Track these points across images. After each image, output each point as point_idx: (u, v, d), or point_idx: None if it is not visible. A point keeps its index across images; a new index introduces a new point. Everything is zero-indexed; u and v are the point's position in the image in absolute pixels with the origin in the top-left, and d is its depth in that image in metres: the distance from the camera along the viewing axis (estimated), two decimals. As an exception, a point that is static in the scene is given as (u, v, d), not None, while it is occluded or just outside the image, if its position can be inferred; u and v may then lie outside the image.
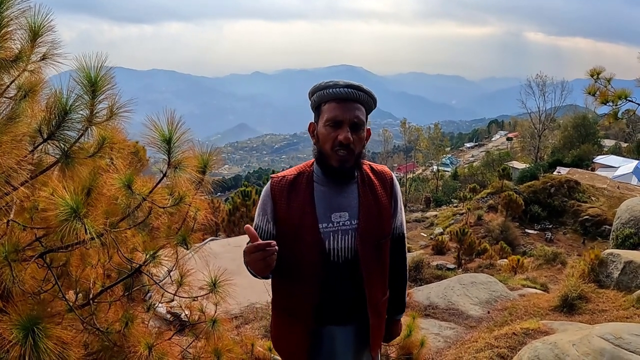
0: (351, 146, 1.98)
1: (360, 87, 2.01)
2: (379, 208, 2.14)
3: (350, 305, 2.12)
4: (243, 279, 2.28)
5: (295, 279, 2.12)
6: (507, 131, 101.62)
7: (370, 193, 2.14)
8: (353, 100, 1.99)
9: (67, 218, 1.35)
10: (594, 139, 51.39)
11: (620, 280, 7.36)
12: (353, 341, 2.17)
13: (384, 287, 2.25)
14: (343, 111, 1.97)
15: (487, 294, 8.08)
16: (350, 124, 1.97)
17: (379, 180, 2.20)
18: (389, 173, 2.27)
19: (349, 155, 1.99)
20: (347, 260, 2.08)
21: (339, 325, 2.14)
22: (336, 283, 2.08)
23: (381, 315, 2.27)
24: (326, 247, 2.05)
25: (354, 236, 2.07)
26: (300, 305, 2.13)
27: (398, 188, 2.30)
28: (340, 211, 2.07)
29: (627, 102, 5.25)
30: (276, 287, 2.25)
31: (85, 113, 1.66)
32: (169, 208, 1.69)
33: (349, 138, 1.95)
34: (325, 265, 2.06)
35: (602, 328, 3.99)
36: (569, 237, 24.79)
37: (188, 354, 2.43)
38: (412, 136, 68.61)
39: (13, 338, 1.26)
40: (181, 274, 2.29)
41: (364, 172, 2.17)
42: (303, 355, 2.17)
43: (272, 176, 2.18)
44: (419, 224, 33.09)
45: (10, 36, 1.58)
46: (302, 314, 2.12)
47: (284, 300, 2.23)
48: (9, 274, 1.40)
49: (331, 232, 2.06)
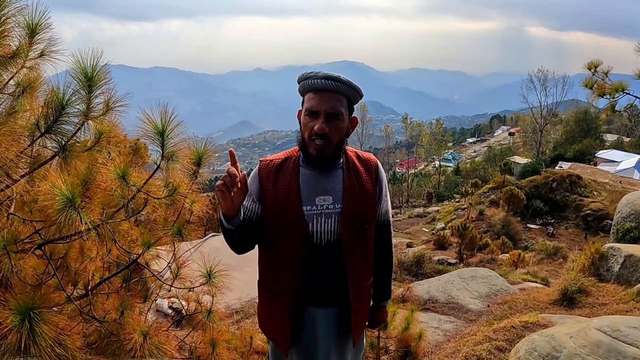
0: (328, 136, 2.02)
1: (338, 78, 2.03)
2: (363, 193, 2.19)
3: (331, 288, 2.17)
4: (244, 274, 2.33)
5: (279, 259, 2.18)
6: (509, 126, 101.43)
7: (355, 178, 2.18)
8: (331, 90, 2.03)
9: (63, 208, 1.38)
10: (596, 134, 51.20)
11: (620, 274, 7.37)
12: (335, 323, 2.22)
13: (367, 272, 2.30)
14: (319, 102, 2.02)
15: (487, 288, 8.10)
16: (326, 115, 2.02)
17: (364, 167, 2.25)
18: (374, 160, 2.32)
19: (325, 144, 2.03)
20: (329, 243, 2.13)
21: (320, 307, 2.19)
22: (318, 265, 2.14)
23: (364, 300, 2.31)
24: (309, 230, 2.11)
25: (337, 220, 2.12)
26: (282, 284, 2.19)
27: (383, 175, 2.34)
28: (325, 195, 2.12)
29: (625, 94, 5.26)
30: (262, 267, 2.31)
31: (81, 107, 1.69)
32: (164, 199, 1.72)
33: (323, 129, 2.00)
34: (308, 247, 2.11)
35: (600, 321, 4.01)
36: (571, 232, 24.79)
37: (185, 344, 2.47)
38: (414, 132, 68.56)
39: (9, 323, 1.30)
40: (178, 265, 2.32)
41: (350, 159, 2.22)
42: (286, 335, 2.21)
43: (260, 160, 2.23)
44: (420, 219, 33.09)
45: (8, 33, 1.61)
46: (285, 294, 2.18)
47: (268, 280, 2.28)
48: (8, 263, 1.43)
49: (315, 214, 2.11)
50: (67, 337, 1.47)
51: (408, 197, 53.86)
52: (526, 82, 55.04)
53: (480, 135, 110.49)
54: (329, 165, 2.14)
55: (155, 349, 1.84)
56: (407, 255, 13.04)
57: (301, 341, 2.23)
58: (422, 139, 67.05)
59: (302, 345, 2.24)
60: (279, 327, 2.25)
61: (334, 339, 2.23)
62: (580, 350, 3.66)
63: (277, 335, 2.28)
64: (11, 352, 1.31)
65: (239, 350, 3.21)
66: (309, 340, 2.23)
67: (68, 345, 1.45)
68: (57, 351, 1.36)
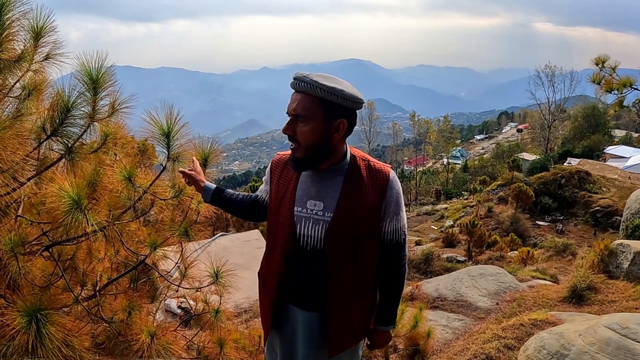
0: (296, 137, 1.98)
1: (302, 78, 1.93)
2: (361, 206, 2.07)
3: (314, 293, 2.11)
4: (252, 273, 2.33)
5: (271, 251, 2.23)
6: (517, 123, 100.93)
7: (356, 188, 2.07)
8: (299, 91, 1.96)
9: (69, 209, 1.39)
10: (605, 130, 50.84)
11: (630, 270, 7.31)
12: (317, 329, 2.15)
13: (358, 286, 2.17)
14: (290, 102, 1.99)
15: (495, 285, 8.06)
16: (292, 115, 1.98)
17: (371, 178, 2.11)
18: (387, 173, 2.13)
19: (295, 146, 2.00)
20: (315, 249, 2.08)
21: (301, 309, 2.16)
22: (302, 267, 2.11)
23: (351, 313, 2.18)
24: (297, 231, 2.09)
25: (324, 228, 2.05)
26: (270, 276, 2.22)
27: (394, 192, 2.13)
28: (317, 200, 2.08)
29: (633, 89, 5.22)
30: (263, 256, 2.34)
31: (87, 110, 1.70)
32: (170, 200, 1.73)
33: (285, 129, 1.98)
34: (294, 247, 2.10)
35: (610, 318, 3.99)
36: (580, 229, 24.63)
37: (193, 344, 2.48)
38: (421, 129, 68.49)
39: (17, 324, 1.31)
40: (185, 266, 2.34)
41: (357, 166, 2.10)
42: (267, 324, 2.27)
43: (278, 153, 2.28)
44: (429, 217, 33.06)
45: (13, 37, 1.62)
46: (270, 285, 2.22)
47: (263, 269, 2.32)
48: (15, 265, 1.44)
49: (303, 217, 2.08)
50: (75, 338, 1.48)
51: (416, 195, 53.79)
52: (534, 78, 54.88)
53: (488, 132, 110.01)
54: (305, 169, 2.09)
55: (163, 349, 1.85)
56: (416, 253, 13.01)
57: (285, 336, 2.24)
58: (430, 136, 66.99)
59: (286, 340, 2.24)
60: (265, 315, 2.31)
61: (314, 345, 2.16)
62: (589, 348, 3.65)
63: (264, 323, 2.33)
64: (19, 353, 1.32)
65: (247, 350, 3.22)
66: (291, 338, 2.22)
67: (75, 346, 1.46)
68: (64, 352, 1.37)
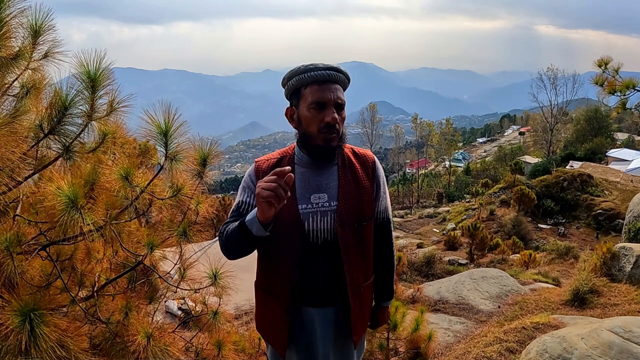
0: (337, 126, 2.01)
1: (339, 69, 2.04)
2: (360, 190, 2.15)
3: (329, 288, 2.14)
4: (253, 275, 2.30)
5: (275, 258, 2.16)
6: (519, 125, 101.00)
7: (351, 175, 2.16)
8: (333, 81, 2.03)
9: (65, 208, 1.38)
10: (607, 132, 50.82)
11: (632, 273, 7.29)
12: (334, 324, 2.18)
13: (367, 271, 2.26)
14: (327, 93, 2.00)
15: (497, 288, 8.04)
16: (335, 105, 2.01)
17: (360, 164, 2.22)
18: (371, 156, 2.29)
19: (336, 135, 2.02)
20: (326, 241, 2.09)
21: (317, 307, 2.16)
22: (315, 264, 2.11)
23: (364, 300, 2.26)
24: (305, 228, 2.08)
25: (333, 217, 2.08)
26: (279, 284, 2.16)
27: (381, 172, 2.29)
28: (320, 192, 2.10)
29: (636, 92, 5.20)
30: (259, 266, 2.28)
31: (85, 108, 1.69)
32: (169, 199, 1.71)
33: (336, 118, 1.99)
34: (304, 246, 2.08)
35: (612, 321, 3.96)
36: (582, 232, 24.60)
37: (191, 346, 2.47)
38: (423, 132, 68.54)
39: (10, 324, 1.29)
40: (184, 267, 2.32)
41: (345, 155, 2.20)
42: (283, 336, 2.19)
43: (256, 160, 2.23)
44: (431, 220, 33.03)
45: (11, 35, 1.61)
46: (281, 294, 2.15)
47: (265, 279, 2.25)
48: (11, 264, 1.43)
49: (310, 213, 2.08)
50: (70, 339, 1.46)
51: (418, 198, 53.79)
52: (536, 80, 54.93)
53: (491, 135, 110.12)
54: (331, 159, 2.12)
55: (160, 351, 1.83)
56: (418, 255, 12.98)
57: (301, 341, 2.21)
58: (432, 139, 67.00)
59: (302, 345, 2.21)
60: (275, 328, 2.22)
61: (333, 340, 2.20)
62: (592, 351, 3.62)
63: (273, 337, 2.26)
64: (12, 354, 1.31)
65: (247, 352, 3.20)
66: (308, 341, 2.20)
67: (70, 347, 1.44)
68: (59, 353, 1.36)
